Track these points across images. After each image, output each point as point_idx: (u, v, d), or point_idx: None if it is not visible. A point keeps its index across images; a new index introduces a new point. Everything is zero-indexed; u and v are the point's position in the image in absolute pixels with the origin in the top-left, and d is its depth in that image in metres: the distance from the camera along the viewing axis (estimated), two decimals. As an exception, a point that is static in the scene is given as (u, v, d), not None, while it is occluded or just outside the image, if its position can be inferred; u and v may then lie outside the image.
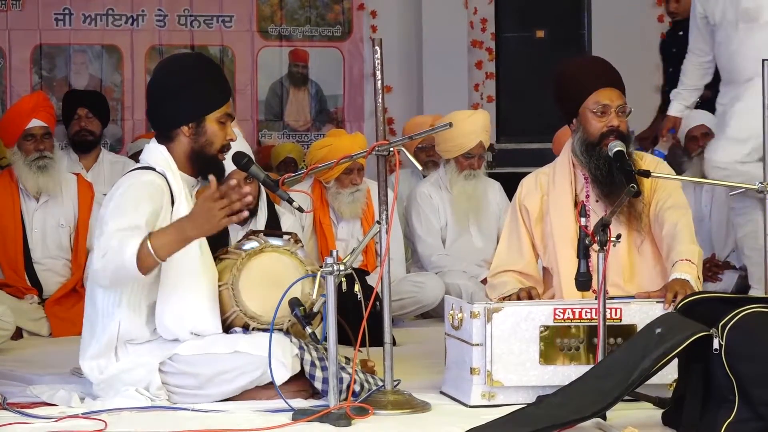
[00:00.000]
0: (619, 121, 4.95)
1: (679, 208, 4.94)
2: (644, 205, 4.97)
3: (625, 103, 4.98)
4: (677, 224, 4.85)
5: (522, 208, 5.12)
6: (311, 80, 9.46)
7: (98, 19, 8.99)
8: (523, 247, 5.10)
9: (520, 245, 5.11)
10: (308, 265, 4.74)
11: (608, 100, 4.96)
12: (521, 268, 5.09)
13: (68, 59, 9.00)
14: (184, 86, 4.65)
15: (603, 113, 4.96)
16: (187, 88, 4.65)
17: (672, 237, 4.83)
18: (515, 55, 9.20)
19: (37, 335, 6.65)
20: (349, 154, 5.07)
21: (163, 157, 4.65)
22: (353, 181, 6.96)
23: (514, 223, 5.15)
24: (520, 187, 5.17)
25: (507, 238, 5.18)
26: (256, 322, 4.62)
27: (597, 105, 4.96)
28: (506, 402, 4.45)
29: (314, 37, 9.42)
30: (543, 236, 5.08)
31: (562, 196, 5.04)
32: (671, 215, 4.89)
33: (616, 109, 4.96)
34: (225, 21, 9.18)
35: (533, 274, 5.11)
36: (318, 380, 4.51)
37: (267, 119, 9.39)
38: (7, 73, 8.87)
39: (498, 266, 5.15)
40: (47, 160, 6.91)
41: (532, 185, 5.14)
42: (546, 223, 5.06)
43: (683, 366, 4.02)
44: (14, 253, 6.90)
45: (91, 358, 4.59)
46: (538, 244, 5.10)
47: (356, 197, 7.00)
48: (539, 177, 5.14)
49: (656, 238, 4.95)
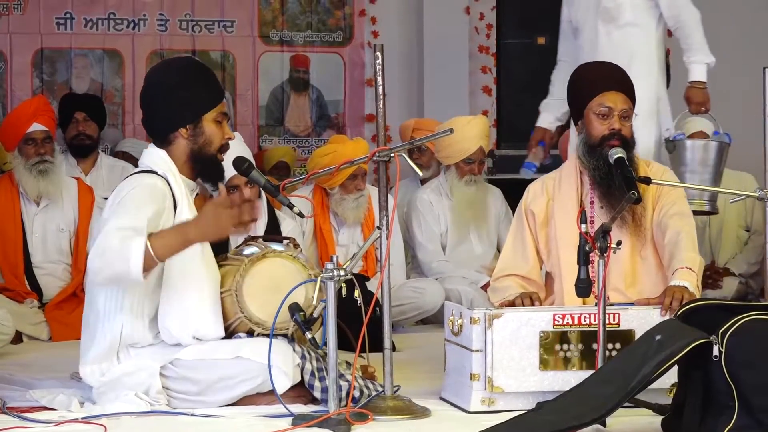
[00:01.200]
0: (621, 125, 4.96)
1: (682, 217, 4.94)
2: (643, 209, 4.98)
3: (629, 108, 4.99)
4: (680, 232, 4.85)
5: (528, 212, 5.13)
6: (312, 86, 9.45)
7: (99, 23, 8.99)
8: (528, 252, 5.11)
9: (525, 250, 5.11)
10: (310, 269, 4.74)
11: (612, 103, 4.97)
12: (525, 273, 5.09)
13: (69, 63, 8.99)
14: (177, 89, 4.67)
15: (606, 116, 4.97)
16: (181, 90, 4.67)
17: (674, 245, 4.83)
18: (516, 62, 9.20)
19: (37, 339, 6.64)
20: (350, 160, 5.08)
21: (164, 161, 4.65)
22: (357, 187, 6.96)
23: (520, 228, 5.16)
24: (527, 191, 5.19)
25: (512, 242, 5.18)
26: (261, 328, 4.62)
27: (600, 107, 4.98)
28: (506, 408, 4.45)
29: (315, 42, 9.42)
30: (547, 240, 5.09)
31: (567, 200, 5.05)
32: (674, 223, 4.90)
33: (620, 112, 4.97)
34: (226, 26, 9.18)
35: (536, 280, 5.12)
36: (317, 390, 4.51)
37: (268, 124, 9.38)
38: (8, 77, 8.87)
39: (502, 270, 5.15)
40: (48, 165, 6.91)
41: (538, 189, 5.15)
42: (551, 227, 5.07)
43: (683, 373, 4.02)
44: (14, 258, 6.90)
45: (91, 362, 4.59)
46: (542, 249, 5.11)
47: (360, 203, 7.01)
48: (546, 181, 5.16)
49: (658, 245, 4.95)
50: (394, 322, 5.45)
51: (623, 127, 4.97)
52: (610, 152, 4.88)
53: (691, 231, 4.92)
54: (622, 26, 6.28)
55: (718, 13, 9.49)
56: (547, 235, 5.09)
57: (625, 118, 4.98)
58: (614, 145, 4.92)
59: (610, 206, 4.93)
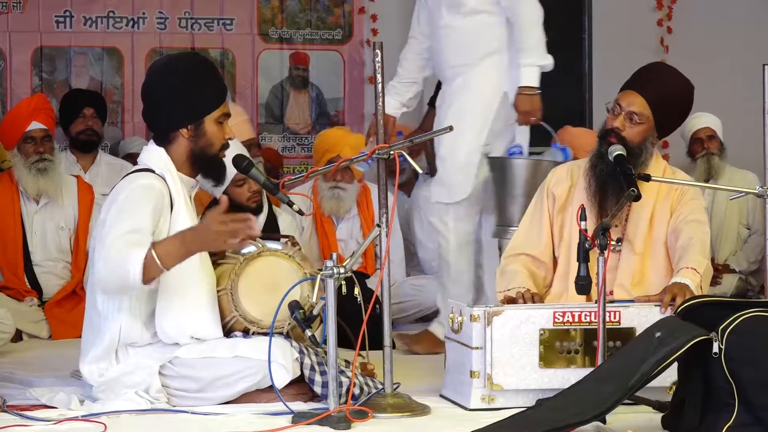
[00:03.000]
0: (622, 124, 4.93)
1: (698, 224, 4.94)
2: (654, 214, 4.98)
3: (641, 113, 4.92)
4: (692, 237, 4.86)
5: (549, 193, 5.11)
6: (312, 83, 9.44)
7: (99, 21, 8.97)
8: (543, 232, 5.09)
9: (540, 230, 5.09)
10: (306, 268, 4.74)
11: (625, 102, 4.96)
12: (536, 253, 5.07)
13: (69, 61, 8.98)
14: (180, 89, 4.65)
15: (615, 113, 4.96)
16: (184, 90, 4.65)
17: (684, 249, 4.84)
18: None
19: (37, 338, 6.65)
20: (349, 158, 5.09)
21: (162, 160, 4.65)
22: (334, 177, 6.95)
23: (538, 208, 5.13)
24: (552, 173, 5.17)
25: (528, 222, 5.16)
26: (256, 327, 4.62)
27: (614, 104, 4.98)
28: (506, 405, 4.45)
29: (315, 40, 9.40)
30: (562, 226, 5.07)
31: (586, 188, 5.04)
32: (689, 229, 4.90)
33: (627, 112, 4.94)
34: (226, 24, 9.17)
35: (546, 261, 5.09)
36: (317, 384, 4.51)
37: (267, 122, 9.37)
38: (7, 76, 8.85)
39: (513, 248, 5.14)
40: (47, 163, 6.90)
41: (563, 174, 5.13)
42: (567, 213, 5.05)
43: (683, 370, 4.02)
44: (14, 256, 6.90)
45: (91, 361, 4.59)
46: (556, 233, 5.09)
47: (337, 194, 6.98)
48: (572, 167, 5.15)
49: (670, 249, 4.94)
50: (394, 320, 5.45)
51: (624, 127, 4.93)
52: (610, 149, 4.87)
53: (705, 238, 4.92)
54: (467, 14, 5.88)
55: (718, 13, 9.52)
56: (563, 220, 5.07)
57: (629, 120, 4.93)
58: (611, 142, 4.91)
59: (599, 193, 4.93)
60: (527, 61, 5.80)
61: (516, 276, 5.00)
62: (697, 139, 7.83)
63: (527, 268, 5.04)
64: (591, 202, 4.92)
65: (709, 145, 7.83)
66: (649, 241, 4.97)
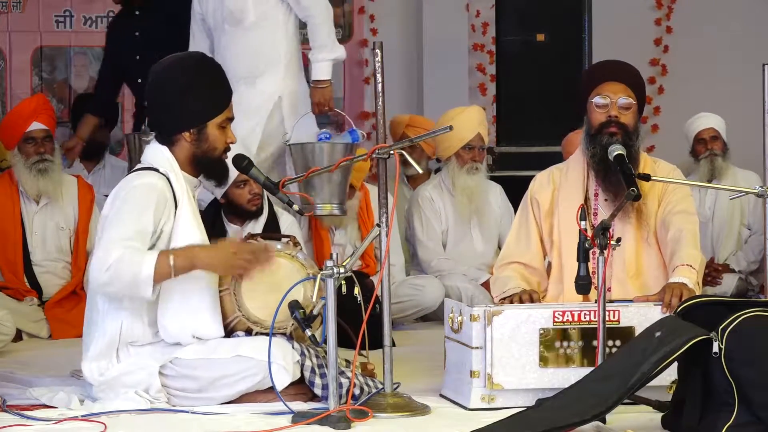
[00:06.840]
0: (619, 113, 4.96)
1: (686, 215, 4.95)
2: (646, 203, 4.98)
3: (631, 100, 4.98)
4: (682, 230, 4.87)
5: (533, 201, 5.14)
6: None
7: (99, 21, 8.98)
8: (531, 240, 5.12)
9: (529, 238, 5.12)
10: (309, 268, 4.74)
11: (610, 92, 4.99)
12: (527, 261, 5.10)
13: (69, 61, 8.99)
14: (185, 92, 4.64)
15: (604, 105, 4.98)
16: (189, 94, 4.64)
17: (676, 242, 4.85)
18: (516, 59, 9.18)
19: (37, 337, 6.65)
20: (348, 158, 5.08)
21: (166, 158, 4.65)
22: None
23: (524, 216, 5.17)
24: (534, 181, 5.21)
25: (516, 230, 5.20)
26: (259, 327, 4.62)
27: (599, 97, 5.00)
28: (506, 405, 4.45)
29: (315, 39, 9.40)
30: (551, 230, 5.09)
31: (572, 191, 5.06)
32: (678, 220, 4.91)
33: (618, 102, 4.97)
34: (226, 24, 9.17)
35: (538, 268, 5.12)
36: (317, 387, 4.52)
37: (267, 122, 9.37)
38: (7, 75, 8.87)
39: (505, 257, 5.17)
40: (47, 163, 6.90)
41: (545, 180, 5.16)
42: (555, 218, 5.07)
43: (683, 369, 4.02)
44: (14, 256, 6.90)
45: (92, 358, 4.59)
46: (546, 239, 5.11)
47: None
48: (553, 172, 5.17)
49: (661, 242, 4.96)
50: (393, 320, 5.45)
51: (621, 115, 4.97)
52: (610, 149, 4.88)
53: (694, 229, 4.93)
54: (248, 28, 6.32)
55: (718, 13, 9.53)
56: (551, 225, 5.10)
57: (625, 108, 4.97)
58: (612, 132, 4.93)
59: (613, 196, 4.94)
60: (318, 56, 6.44)
61: (510, 280, 5.02)
62: (701, 140, 7.83)
63: (520, 273, 5.07)
64: (602, 186, 4.95)
65: (712, 145, 7.82)
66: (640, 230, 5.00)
